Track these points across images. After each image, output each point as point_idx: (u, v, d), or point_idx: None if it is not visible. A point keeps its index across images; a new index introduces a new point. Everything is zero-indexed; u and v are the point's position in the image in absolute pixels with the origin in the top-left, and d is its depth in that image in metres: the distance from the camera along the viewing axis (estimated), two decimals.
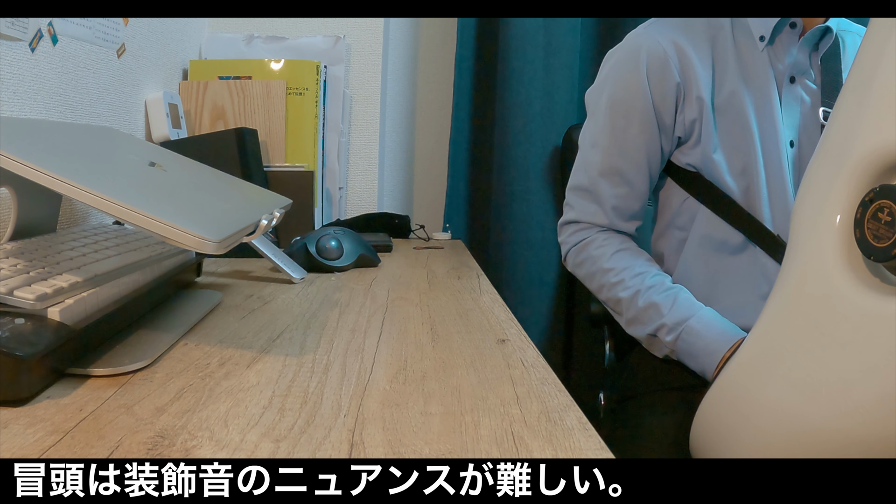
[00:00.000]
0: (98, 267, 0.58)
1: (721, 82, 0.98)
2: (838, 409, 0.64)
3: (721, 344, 0.90)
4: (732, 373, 0.76)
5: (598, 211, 1.05)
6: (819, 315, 0.67)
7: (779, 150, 0.96)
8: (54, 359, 0.49)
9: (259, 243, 0.92)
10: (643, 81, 0.99)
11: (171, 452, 0.40)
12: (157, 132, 1.22)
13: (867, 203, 0.63)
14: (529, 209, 1.58)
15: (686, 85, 0.98)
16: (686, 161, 1.01)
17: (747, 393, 0.73)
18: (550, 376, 0.56)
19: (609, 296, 1.02)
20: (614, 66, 1.04)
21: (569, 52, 1.57)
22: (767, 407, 0.70)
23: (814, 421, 0.66)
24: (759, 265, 0.97)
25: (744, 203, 0.97)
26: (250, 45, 1.46)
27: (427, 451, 0.41)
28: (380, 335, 0.67)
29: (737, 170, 0.97)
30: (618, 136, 1.02)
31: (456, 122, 1.66)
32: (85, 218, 1.01)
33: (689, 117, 0.99)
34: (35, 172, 0.49)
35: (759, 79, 0.98)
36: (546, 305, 1.60)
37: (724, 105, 0.98)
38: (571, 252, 1.08)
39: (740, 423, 0.74)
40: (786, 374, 0.69)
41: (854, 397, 0.63)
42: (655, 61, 0.99)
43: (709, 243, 1.00)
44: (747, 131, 0.96)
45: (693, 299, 0.96)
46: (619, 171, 1.03)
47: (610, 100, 1.03)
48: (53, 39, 0.93)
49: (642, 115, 1.00)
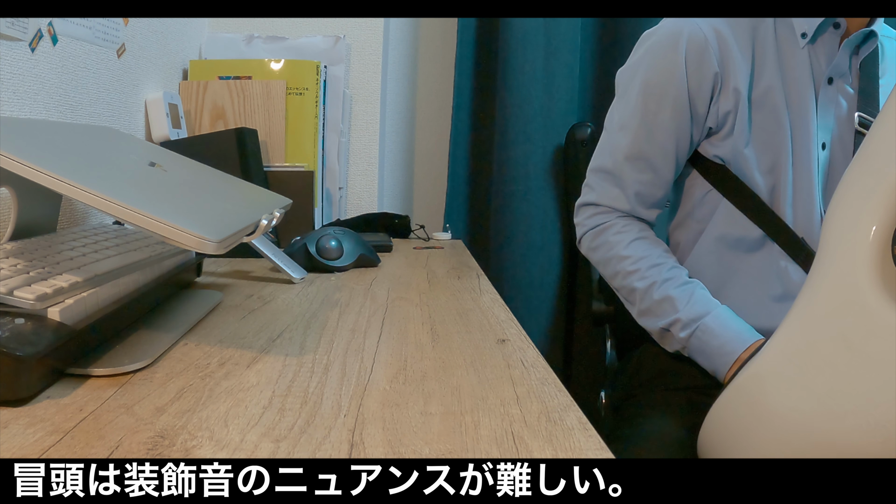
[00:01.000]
0: (98, 267, 0.58)
1: (759, 76, 0.96)
2: (859, 427, 0.63)
3: (737, 345, 0.89)
4: (750, 377, 0.75)
5: (620, 195, 1.02)
6: (848, 329, 0.66)
7: (810, 151, 0.94)
8: (54, 359, 0.49)
9: (259, 243, 0.92)
10: (681, 66, 0.96)
11: (171, 452, 0.40)
12: (157, 132, 1.22)
13: None
14: (529, 209, 1.58)
15: (724, 75, 0.96)
16: (714, 153, 0.99)
17: (766, 399, 0.72)
18: (550, 376, 0.56)
19: (623, 284, 0.99)
20: (651, 48, 1.00)
21: (569, 52, 1.57)
22: (785, 416, 0.70)
23: (832, 435, 0.65)
24: (775, 265, 0.96)
25: (768, 201, 0.96)
26: (250, 45, 1.46)
27: (427, 451, 0.41)
28: (380, 335, 0.67)
29: (765, 167, 0.95)
30: (648, 121, 0.99)
31: (456, 122, 1.66)
32: (85, 218, 1.01)
33: (724, 108, 0.96)
34: (35, 172, 0.49)
35: (797, 77, 0.96)
36: (546, 305, 1.60)
37: (760, 100, 0.96)
38: (588, 235, 1.05)
39: (755, 429, 0.73)
40: (808, 385, 0.68)
41: (877, 416, 0.62)
42: (695, 47, 0.96)
43: (726, 238, 0.98)
44: (781, 129, 0.95)
45: (710, 296, 0.95)
46: (646, 157, 1.00)
47: (644, 82, 1.00)
48: (53, 39, 0.93)
49: (676, 102, 0.97)
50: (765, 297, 0.95)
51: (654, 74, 0.99)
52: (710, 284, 0.97)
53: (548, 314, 1.60)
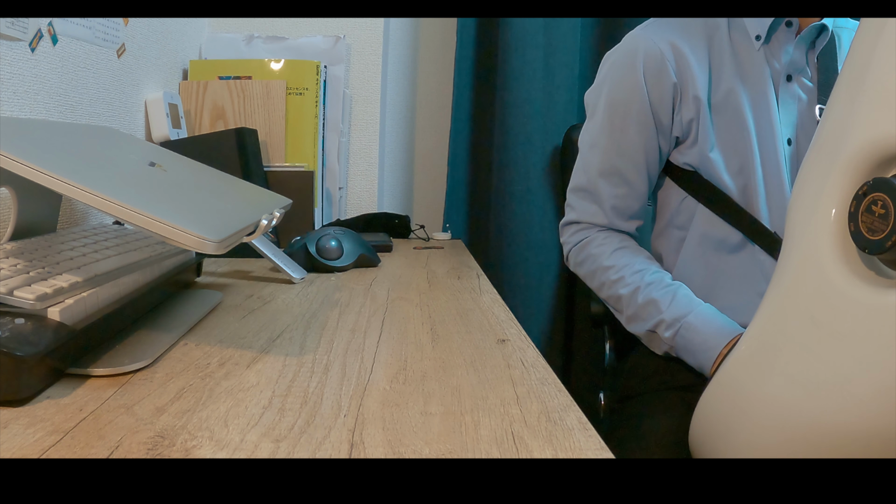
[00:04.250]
0: (98, 267, 0.58)
1: (718, 81, 0.99)
2: (836, 404, 0.64)
3: (719, 340, 0.90)
4: (730, 369, 0.77)
5: (597, 211, 1.06)
6: (815, 309, 0.67)
7: (776, 148, 0.96)
8: (54, 359, 0.49)
9: (259, 243, 0.92)
10: (640, 82, 1.00)
11: (171, 452, 0.40)
12: (157, 132, 1.22)
13: (861, 196, 0.63)
14: (529, 209, 1.58)
15: (683, 85, 0.99)
16: (684, 161, 1.01)
17: (745, 389, 0.73)
18: (550, 376, 0.56)
19: (609, 293, 1.02)
20: (612, 68, 1.05)
21: (569, 52, 1.57)
22: (765, 403, 0.70)
23: (812, 416, 0.66)
24: (758, 263, 0.97)
25: (741, 202, 0.97)
26: (250, 45, 1.46)
27: (427, 451, 0.41)
28: (380, 335, 0.67)
29: (734, 168, 0.97)
30: (616, 137, 1.03)
31: (456, 122, 1.66)
32: (85, 218, 1.01)
33: (687, 117, 0.99)
34: (35, 172, 0.49)
35: (755, 77, 0.98)
36: (546, 305, 1.60)
37: (720, 104, 0.98)
38: (573, 252, 1.09)
39: (739, 419, 0.74)
40: (783, 369, 0.69)
41: (852, 391, 0.63)
42: (652, 62, 0.99)
43: (708, 242, 1.00)
44: (744, 130, 0.97)
45: (692, 295, 0.97)
46: (618, 172, 1.03)
47: (608, 101, 1.03)
48: (53, 39, 0.93)
49: (640, 116, 1.01)
50: (754, 295, 0.96)
51: (617, 92, 1.03)
52: (700, 288, 0.99)
53: (547, 314, 1.60)
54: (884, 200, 0.61)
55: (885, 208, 0.61)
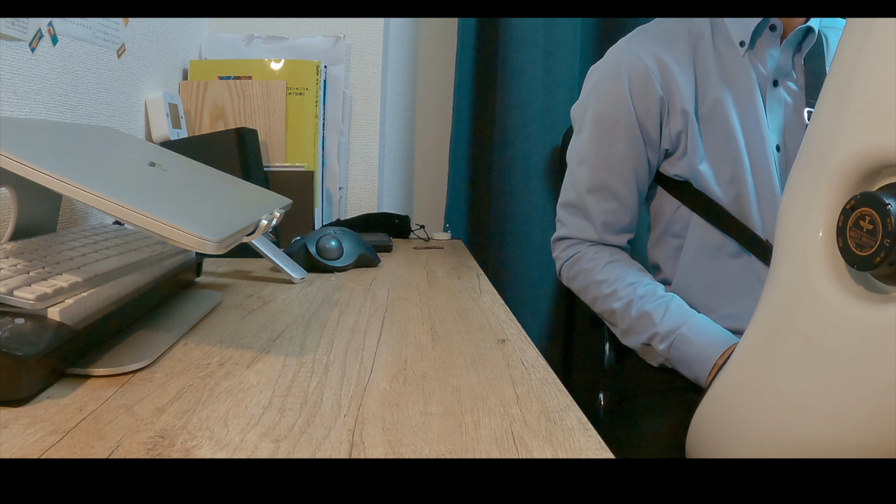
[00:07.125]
0: (98, 267, 0.58)
1: (704, 92, 0.98)
2: (829, 420, 0.63)
3: (713, 351, 0.90)
4: (723, 384, 0.76)
5: (587, 226, 1.05)
6: (806, 325, 0.66)
7: (766, 155, 0.95)
8: (54, 359, 0.49)
9: (259, 243, 0.92)
10: (626, 97, 0.99)
11: (171, 452, 0.40)
12: (157, 132, 1.22)
13: (849, 211, 0.62)
14: (529, 209, 1.58)
15: (669, 98, 0.98)
16: (674, 172, 1.01)
17: (738, 405, 0.73)
18: (550, 376, 0.56)
19: (603, 307, 1.02)
20: (597, 83, 1.04)
21: (569, 51, 1.57)
22: (758, 419, 0.70)
23: (805, 432, 0.65)
24: (755, 271, 0.96)
25: (734, 211, 0.97)
26: (250, 45, 1.46)
27: (427, 451, 0.41)
28: (380, 335, 0.67)
29: (724, 179, 0.97)
30: (604, 152, 1.02)
31: (456, 122, 1.67)
32: (85, 218, 1.01)
33: (675, 129, 0.98)
34: (35, 172, 0.49)
35: (741, 85, 0.97)
36: (546, 305, 1.60)
37: (708, 114, 0.97)
38: (565, 267, 1.09)
39: (733, 436, 0.73)
40: (776, 385, 0.68)
41: (845, 407, 0.62)
42: (637, 76, 0.98)
43: (705, 249, 1.00)
44: (732, 139, 0.96)
45: (686, 307, 0.96)
46: (607, 187, 1.03)
47: (594, 116, 1.03)
48: (53, 39, 0.93)
49: (627, 131, 1.00)
50: (754, 302, 0.96)
51: (604, 107, 1.02)
52: (700, 297, 0.98)
53: (547, 314, 1.60)
54: (871, 216, 0.60)
55: (872, 223, 0.60)
